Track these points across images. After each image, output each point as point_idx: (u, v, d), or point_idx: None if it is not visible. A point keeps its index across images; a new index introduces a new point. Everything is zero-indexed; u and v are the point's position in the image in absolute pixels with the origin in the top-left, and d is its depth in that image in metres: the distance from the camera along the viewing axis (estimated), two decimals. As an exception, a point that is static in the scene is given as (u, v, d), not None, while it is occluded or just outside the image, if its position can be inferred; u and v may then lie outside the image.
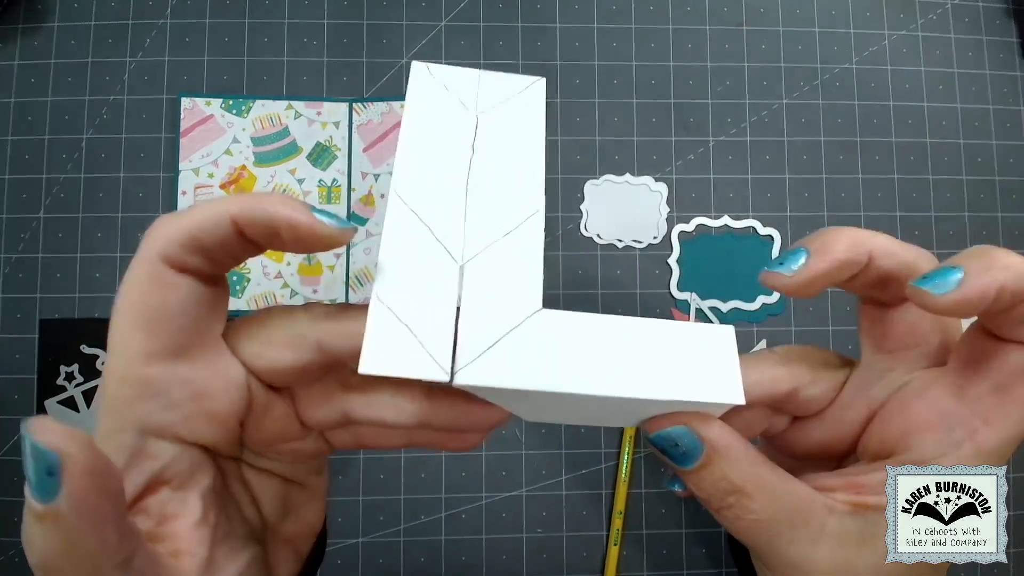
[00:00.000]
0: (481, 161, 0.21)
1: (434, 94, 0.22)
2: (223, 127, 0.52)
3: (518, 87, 0.22)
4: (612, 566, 0.49)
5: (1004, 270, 0.17)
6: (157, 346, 0.17)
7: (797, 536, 0.19)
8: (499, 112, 0.22)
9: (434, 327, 0.18)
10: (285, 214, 0.17)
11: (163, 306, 0.17)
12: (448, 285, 0.19)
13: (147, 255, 0.17)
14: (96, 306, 0.51)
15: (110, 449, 0.17)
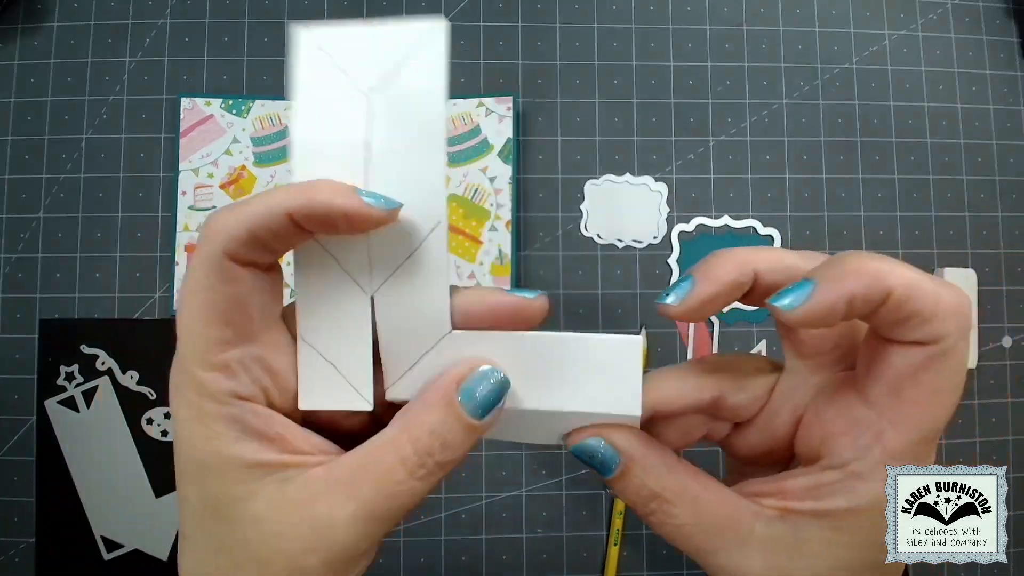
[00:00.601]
0: (377, 161, 0.19)
1: (323, 72, 0.20)
2: (223, 127, 0.52)
3: (415, 40, 0.19)
4: (612, 566, 0.49)
5: (855, 277, 0.17)
6: (230, 334, 0.18)
7: (725, 542, 0.19)
8: (393, 87, 0.19)
9: (354, 362, 0.20)
10: (340, 205, 0.18)
11: (231, 298, 0.18)
12: (361, 317, 0.20)
13: (211, 252, 0.18)
14: (96, 306, 0.51)
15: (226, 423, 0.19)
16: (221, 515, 0.19)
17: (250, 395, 0.19)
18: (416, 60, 0.19)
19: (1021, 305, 0.53)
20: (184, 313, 0.19)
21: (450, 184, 0.52)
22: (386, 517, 0.19)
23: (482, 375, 0.19)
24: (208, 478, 0.19)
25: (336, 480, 0.19)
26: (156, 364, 0.50)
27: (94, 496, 0.49)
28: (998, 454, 0.52)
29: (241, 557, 0.19)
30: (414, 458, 0.19)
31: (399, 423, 0.20)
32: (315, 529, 0.19)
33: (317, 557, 0.19)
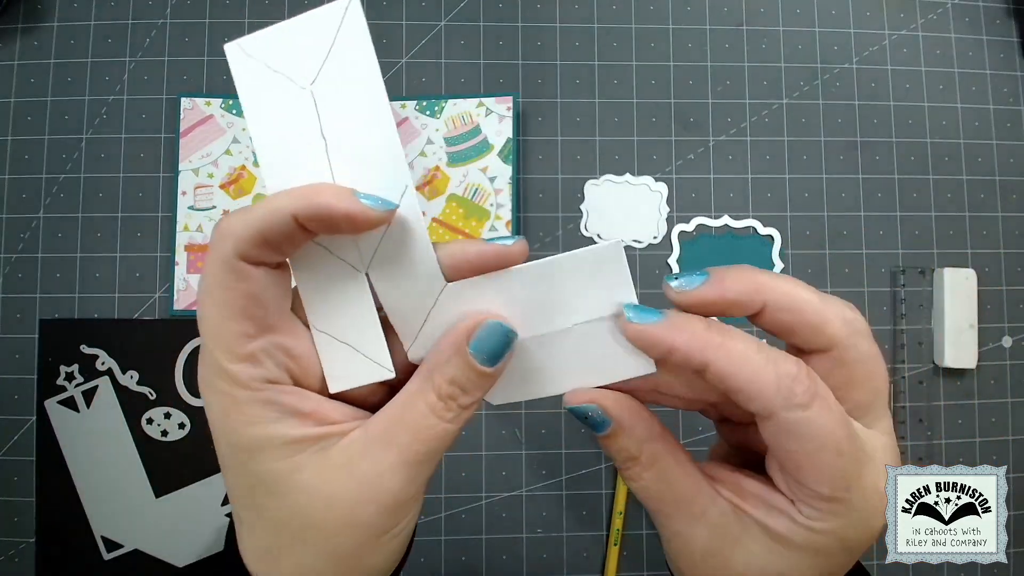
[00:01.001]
0: (336, 148, 0.21)
1: (262, 79, 0.21)
2: (223, 127, 0.52)
3: (333, 24, 0.20)
4: (612, 566, 0.49)
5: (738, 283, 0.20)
6: (251, 328, 0.20)
7: (679, 513, 0.21)
8: (329, 75, 0.20)
9: (368, 337, 0.21)
10: (341, 208, 0.19)
11: (247, 294, 0.20)
12: (363, 295, 0.21)
13: (224, 254, 0.19)
14: (96, 306, 0.51)
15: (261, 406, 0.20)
16: (272, 491, 0.20)
17: (278, 379, 0.20)
18: (341, 41, 0.20)
19: (1021, 305, 0.53)
20: (205, 312, 0.20)
21: (450, 184, 0.52)
22: (425, 459, 0.21)
23: (488, 328, 0.21)
24: (253, 460, 0.20)
25: (374, 437, 0.21)
26: (156, 364, 0.50)
27: (94, 496, 0.49)
28: (998, 454, 0.52)
29: (298, 526, 0.20)
30: (440, 404, 0.21)
31: (420, 377, 0.21)
32: (363, 483, 0.20)
33: (371, 507, 0.20)
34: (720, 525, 0.21)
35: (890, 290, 0.53)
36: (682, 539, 0.22)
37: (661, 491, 0.22)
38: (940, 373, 0.52)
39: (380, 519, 0.21)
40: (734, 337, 0.19)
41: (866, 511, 0.19)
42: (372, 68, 0.20)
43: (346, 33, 0.20)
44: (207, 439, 0.21)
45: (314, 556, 0.21)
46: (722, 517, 0.21)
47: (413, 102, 0.52)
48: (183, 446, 0.50)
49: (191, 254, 0.51)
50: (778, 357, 0.19)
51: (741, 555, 0.21)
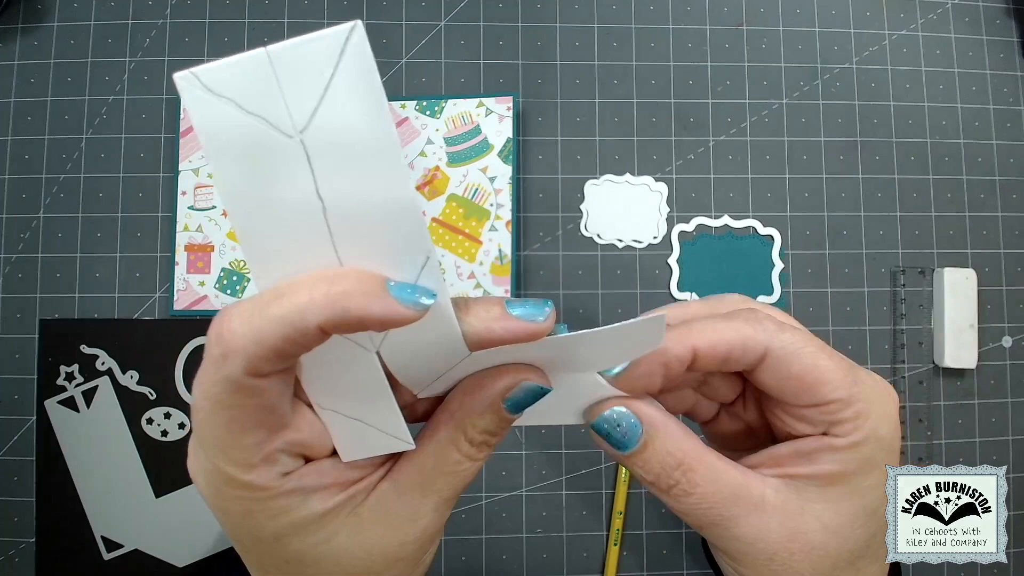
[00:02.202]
0: (338, 217, 0.16)
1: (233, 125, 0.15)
2: (223, 127, 0.52)
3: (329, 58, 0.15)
4: (612, 566, 0.49)
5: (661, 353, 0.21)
6: (263, 435, 0.18)
7: (742, 509, 0.21)
8: (325, 118, 0.15)
9: (381, 413, 0.20)
10: (375, 311, 0.16)
11: (259, 408, 0.18)
12: (374, 374, 0.19)
13: (230, 374, 0.16)
14: (96, 306, 0.51)
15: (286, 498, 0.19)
16: (308, 562, 0.20)
17: (294, 466, 0.20)
18: (340, 78, 0.15)
19: (1021, 305, 0.53)
20: (209, 430, 0.18)
21: (450, 184, 0.52)
22: (457, 496, 0.22)
23: (525, 389, 0.21)
24: (281, 544, 0.20)
25: (408, 487, 0.21)
26: (156, 364, 0.50)
27: (94, 496, 0.49)
28: (998, 454, 0.52)
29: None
30: (472, 450, 0.21)
31: (449, 427, 0.21)
32: (400, 528, 0.21)
33: (412, 545, 0.21)
34: (783, 503, 0.21)
35: (890, 290, 0.53)
36: (760, 542, 0.20)
37: (720, 491, 0.21)
38: (940, 373, 0.52)
39: (418, 552, 0.22)
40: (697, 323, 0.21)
41: (879, 397, 0.20)
42: (380, 110, 0.15)
43: (347, 67, 0.15)
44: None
45: None
46: (780, 495, 0.21)
47: (413, 102, 0.52)
48: (183, 446, 0.50)
49: (191, 254, 0.51)
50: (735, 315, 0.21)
51: (814, 523, 0.20)
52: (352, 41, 0.15)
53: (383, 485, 0.21)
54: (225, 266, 0.51)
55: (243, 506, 0.19)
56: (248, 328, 0.16)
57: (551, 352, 0.20)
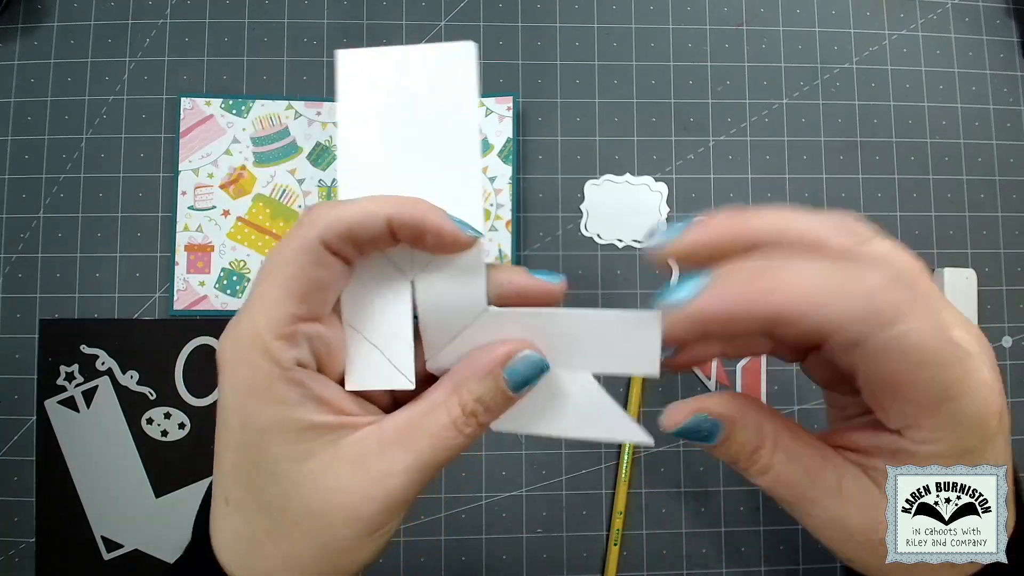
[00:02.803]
0: (417, 163, 0.21)
1: (364, 88, 0.22)
2: (223, 127, 0.52)
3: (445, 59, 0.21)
4: (612, 566, 0.49)
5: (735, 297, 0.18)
6: (304, 311, 0.20)
7: (819, 492, 0.20)
8: (429, 101, 0.21)
9: (397, 344, 0.22)
10: (434, 220, 0.20)
11: (315, 281, 0.20)
12: (403, 300, 0.22)
13: (308, 237, 0.20)
14: (96, 306, 0.51)
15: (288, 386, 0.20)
16: (274, 475, 0.20)
17: (308, 363, 0.21)
18: (449, 76, 0.21)
19: (1021, 305, 0.53)
20: (265, 284, 0.20)
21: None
22: (434, 467, 0.22)
23: (526, 358, 0.21)
24: (264, 440, 0.20)
25: (390, 437, 0.21)
26: (156, 364, 0.50)
27: (94, 496, 0.49)
28: (998, 454, 0.52)
29: (294, 513, 0.20)
30: (463, 418, 0.21)
31: (448, 388, 0.22)
32: (373, 480, 0.21)
33: (376, 504, 0.21)
34: (862, 494, 0.20)
35: (890, 290, 0.53)
36: (838, 524, 0.20)
37: (794, 473, 0.20)
38: (940, 373, 0.52)
39: (378, 517, 0.21)
40: (791, 268, 0.17)
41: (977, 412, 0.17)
42: (471, 101, 0.21)
43: (455, 69, 0.21)
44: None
45: (303, 545, 0.21)
46: (859, 483, 0.20)
47: (413, 102, 0.52)
48: (183, 446, 0.50)
49: (191, 254, 0.51)
50: (852, 273, 0.17)
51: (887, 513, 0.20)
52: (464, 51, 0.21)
53: (369, 429, 0.21)
54: (225, 266, 0.51)
55: (251, 376, 0.20)
56: (331, 208, 0.20)
57: (557, 332, 0.21)
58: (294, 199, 0.52)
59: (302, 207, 0.52)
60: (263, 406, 0.20)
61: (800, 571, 0.50)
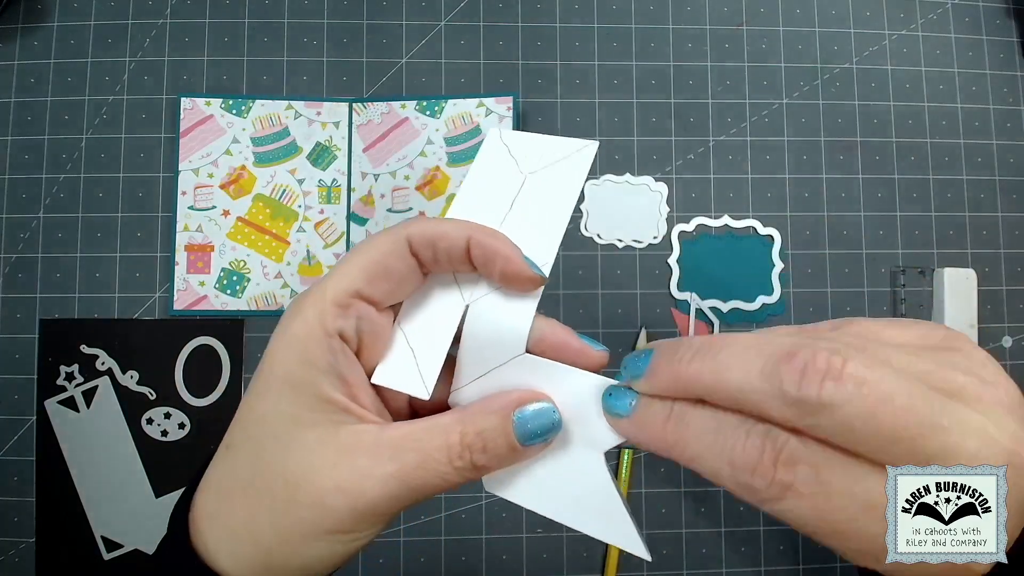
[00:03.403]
0: (515, 217, 0.24)
1: (498, 154, 0.25)
2: (223, 127, 0.52)
3: (571, 150, 0.25)
4: (612, 566, 0.49)
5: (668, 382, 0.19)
6: (367, 291, 0.22)
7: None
8: (545, 174, 0.24)
9: (431, 355, 0.23)
10: (506, 249, 0.22)
11: (389, 269, 0.22)
12: (452, 320, 0.23)
13: (399, 233, 0.22)
14: (96, 306, 0.51)
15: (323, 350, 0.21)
16: (277, 431, 0.21)
17: (350, 338, 0.22)
18: (567, 162, 0.24)
19: (1021, 305, 0.53)
20: (348, 258, 0.22)
21: (450, 184, 0.52)
22: (415, 489, 0.21)
23: (541, 408, 0.22)
24: (285, 394, 0.21)
25: (385, 440, 0.21)
26: (156, 364, 0.50)
27: (94, 496, 0.49)
28: (998, 454, 0.52)
29: (274, 474, 0.21)
30: (458, 448, 0.21)
31: (456, 416, 0.22)
32: (351, 475, 0.20)
33: (345, 500, 0.20)
34: None
35: (890, 290, 0.53)
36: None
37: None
38: (940, 373, 0.52)
39: (343, 515, 0.20)
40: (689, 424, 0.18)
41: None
42: (576, 186, 0.24)
43: (576, 156, 0.24)
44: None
45: (268, 513, 0.20)
46: None
47: (413, 102, 0.52)
48: (183, 446, 0.50)
49: (191, 254, 0.51)
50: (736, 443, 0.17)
51: None
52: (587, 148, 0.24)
53: (372, 426, 0.21)
54: (225, 266, 0.51)
55: (296, 329, 0.21)
56: (425, 218, 0.22)
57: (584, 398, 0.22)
58: (294, 199, 0.52)
59: (302, 207, 0.52)
60: (293, 356, 0.21)
61: (800, 571, 0.50)
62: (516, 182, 0.25)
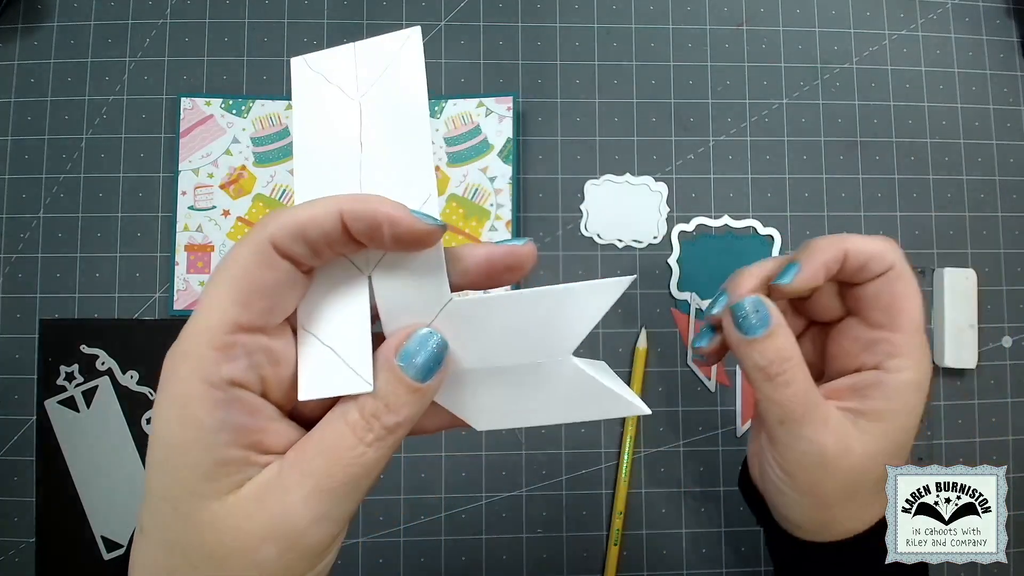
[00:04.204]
0: (370, 156, 0.21)
1: (316, 89, 0.22)
2: (223, 127, 0.52)
3: (394, 48, 0.21)
4: (612, 566, 0.49)
5: (822, 251, 0.26)
6: (246, 319, 0.18)
7: (814, 417, 0.25)
8: (379, 91, 0.21)
9: (353, 343, 0.20)
10: (386, 211, 0.18)
11: (262, 285, 0.19)
12: (359, 298, 0.20)
13: (257, 238, 0.18)
14: (96, 306, 0.51)
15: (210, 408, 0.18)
16: (180, 511, 0.18)
17: (246, 382, 0.19)
18: (397, 64, 0.21)
19: (1021, 305, 0.53)
20: (211, 287, 0.19)
21: (450, 184, 0.52)
22: (341, 491, 0.19)
23: (419, 338, 0.20)
24: (176, 470, 0.18)
25: (288, 464, 0.19)
26: (156, 364, 0.50)
27: (94, 496, 0.49)
28: (998, 454, 0.52)
29: (196, 556, 0.18)
30: (361, 422, 0.19)
31: (343, 398, 0.20)
32: (271, 517, 0.18)
33: (274, 546, 0.18)
34: (837, 427, 0.25)
35: (890, 290, 0.53)
36: (813, 444, 0.25)
37: (807, 393, 0.25)
38: (940, 373, 0.52)
39: (281, 561, 0.18)
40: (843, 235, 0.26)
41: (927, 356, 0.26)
42: (420, 86, 0.21)
43: (404, 57, 0.21)
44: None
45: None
46: (839, 424, 0.25)
47: (413, 102, 0.52)
48: (183, 446, 0.50)
49: (191, 254, 0.51)
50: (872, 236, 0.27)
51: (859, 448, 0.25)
52: (409, 39, 0.21)
53: (272, 464, 0.19)
54: (225, 266, 0.51)
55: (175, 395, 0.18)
56: (282, 211, 0.19)
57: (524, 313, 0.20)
58: (294, 199, 0.52)
59: (302, 207, 0.52)
60: (175, 424, 0.18)
61: (800, 571, 0.50)
62: (352, 113, 0.21)
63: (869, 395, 0.26)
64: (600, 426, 0.51)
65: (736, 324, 0.26)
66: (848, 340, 0.28)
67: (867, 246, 0.26)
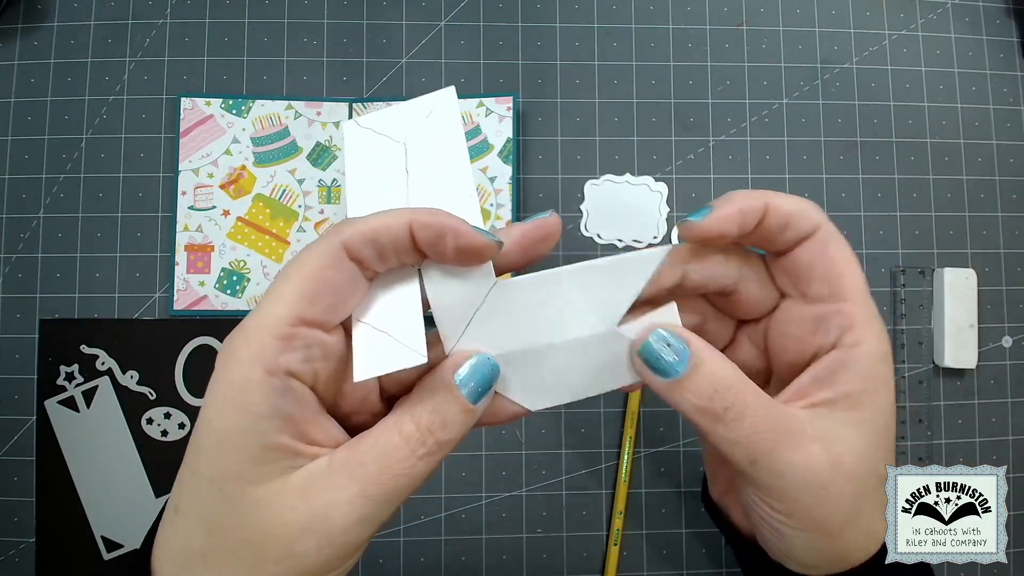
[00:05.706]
0: (416, 184, 0.23)
1: (366, 141, 0.24)
2: (223, 127, 0.52)
3: (432, 102, 0.24)
4: (612, 566, 0.49)
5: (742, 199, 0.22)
6: (310, 314, 0.19)
7: (789, 439, 0.21)
8: (421, 133, 0.24)
9: (406, 324, 0.21)
10: (452, 223, 0.20)
11: (329, 284, 0.20)
12: (411, 288, 0.22)
13: (331, 240, 0.20)
14: (96, 306, 0.51)
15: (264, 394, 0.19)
16: (225, 492, 0.19)
17: (300, 373, 0.20)
18: (436, 113, 0.24)
19: (1021, 305, 0.53)
20: (279, 281, 0.20)
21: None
22: (385, 499, 0.20)
23: (476, 363, 0.21)
24: (225, 451, 0.19)
25: (339, 463, 0.20)
26: (156, 364, 0.50)
27: (94, 496, 0.49)
28: (998, 454, 0.52)
29: (234, 539, 0.19)
30: (416, 435, 0.20)
31: (401, 407, 0.21)
32: (314, 511, 0.19)
33: (314, 540, 0.19)
34: (821, 431, 0.21)
35: (890, 290, 0.53)
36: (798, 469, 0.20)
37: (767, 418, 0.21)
38: (940, 373, 0.52)
39: (319, 555, 0.19)
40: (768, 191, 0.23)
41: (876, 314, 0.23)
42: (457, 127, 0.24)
43: (442, 106, 0.24)
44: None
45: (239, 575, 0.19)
46: (816, 423, 0.21)
47: (413, 102, 0.52)
48: (183, 446, 0.50)
49: (191, 254, 0.51)
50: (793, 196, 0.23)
51: (847, 448, 0.21)
52: (445, 96, 0.24)
53: (321, 459, 0.20)
54: (225, 266, 0.51)
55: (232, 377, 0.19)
56: (356, 219, 0.20)
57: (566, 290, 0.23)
58: (294, 199, 0.52)
59: (302, 207, 0.52)
60: (229, 407, 0.19)
61: (800, 571, 0.50)
62: (399, 152, 0.23)
63: (836, 380, 0.22)
64: (600, 426, 0.51)
65: (652, 369, 0.22)
66: (792, 326, 0.23)
67: (788, 203, 0.22)
